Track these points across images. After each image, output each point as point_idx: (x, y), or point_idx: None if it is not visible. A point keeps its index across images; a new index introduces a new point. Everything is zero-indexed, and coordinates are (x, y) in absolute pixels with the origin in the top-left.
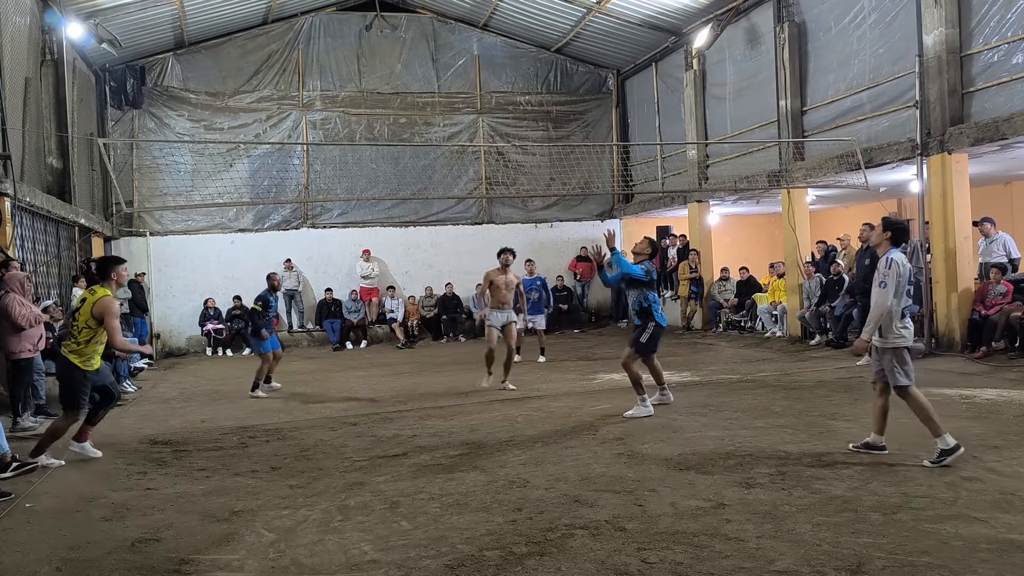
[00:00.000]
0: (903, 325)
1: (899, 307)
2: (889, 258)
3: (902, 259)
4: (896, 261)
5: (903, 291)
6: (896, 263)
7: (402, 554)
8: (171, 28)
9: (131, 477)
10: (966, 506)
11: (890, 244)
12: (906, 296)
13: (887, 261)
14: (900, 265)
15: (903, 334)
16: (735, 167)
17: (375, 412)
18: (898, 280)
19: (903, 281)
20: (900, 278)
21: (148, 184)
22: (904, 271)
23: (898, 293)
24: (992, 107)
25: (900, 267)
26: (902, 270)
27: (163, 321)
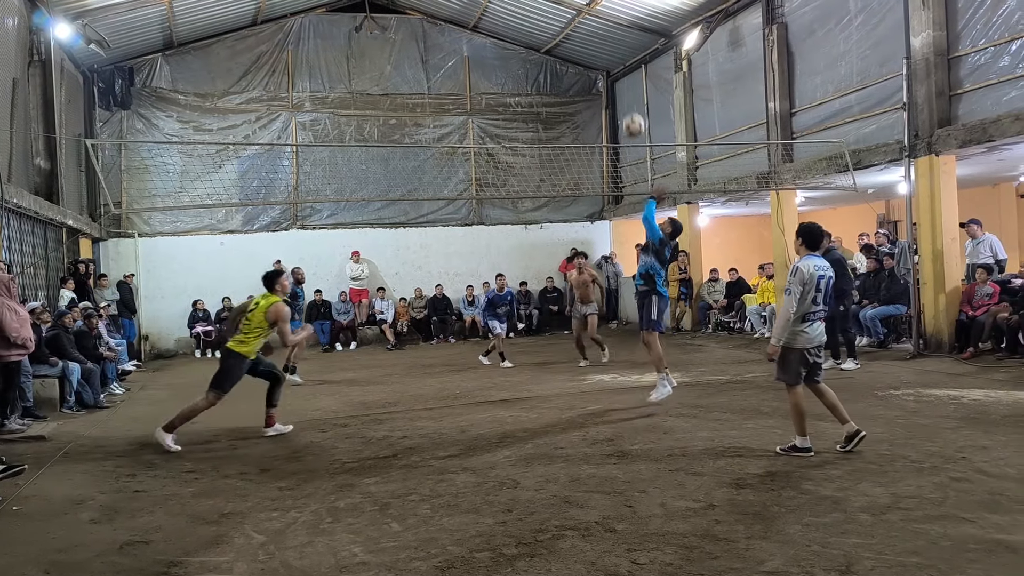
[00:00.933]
0: (800, 329)
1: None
2: (795, 266)
3: (809, 265)
4: (800, 268)
5: (809, 297)
6: (800, 270)
7: (392, 556)
8: (160, 29)
9: (120, 479)
10: (954, 506)
11: (806, 249)
12: (813, 303)
13: (793, 270)
14: (805, 272)
15: (796, 336)
16: (724, 169)
17: (365, 414)
18: (803, 287)
19: (809, 287)
20: (805, 285)
21: (136, 185)
22: (810, 276)
23: (803, 299)
24: (979, 109)
25: (805, 274)
26: (807, 276)
27: (152, 323)
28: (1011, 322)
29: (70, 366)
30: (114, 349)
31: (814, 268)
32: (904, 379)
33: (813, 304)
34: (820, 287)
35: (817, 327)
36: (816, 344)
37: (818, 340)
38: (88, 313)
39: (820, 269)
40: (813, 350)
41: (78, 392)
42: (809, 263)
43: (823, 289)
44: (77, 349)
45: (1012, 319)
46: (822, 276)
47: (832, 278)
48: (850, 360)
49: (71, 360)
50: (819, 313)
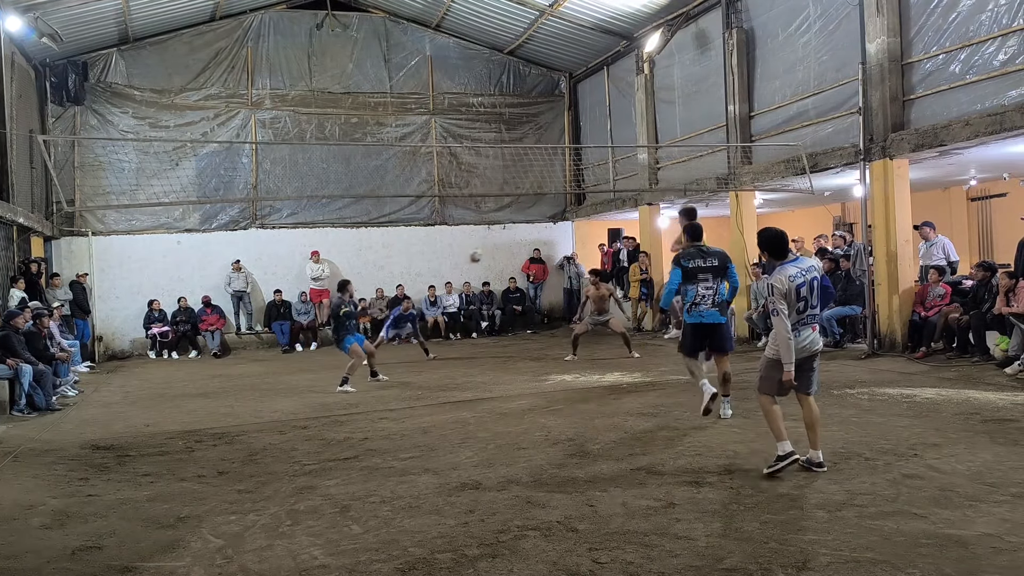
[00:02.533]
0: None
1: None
2: (768, 284)
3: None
4: (774, 284)
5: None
6: (775, 286)
7: (353, 558)
8: (115, 23)
9: (72, 483)
10: (907, 503)
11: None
12: (797, 313)
13: (768, 288)
14: (781, 286)
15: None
16: (685, 170)
17: (325, 415)
18: (786, 300)
19: (791, 301)
20: (787, 296)
21: (91, 183)
22: (788, 289)
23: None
24: (931, 114)
25: (782, 288)
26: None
27: (106, 323)
28: (962, 323)
29: (22, 367)
30: (66, 350)
31: (788, 279)
32: (859, 378)
33: (799, 313)
34: (802, 294)
35: (807, 335)
36: (808, 352)
37: (812, 348)
38: (38, 313)
39: (795, 277)
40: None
41: (29, 394)
42: (781, 274)
43: (807, 294)
44: (28, 350)
45: (963, 320)
46: (802, 283)
47: (817, 277)
48: None
49: (23, 362)
50: (809, 319)
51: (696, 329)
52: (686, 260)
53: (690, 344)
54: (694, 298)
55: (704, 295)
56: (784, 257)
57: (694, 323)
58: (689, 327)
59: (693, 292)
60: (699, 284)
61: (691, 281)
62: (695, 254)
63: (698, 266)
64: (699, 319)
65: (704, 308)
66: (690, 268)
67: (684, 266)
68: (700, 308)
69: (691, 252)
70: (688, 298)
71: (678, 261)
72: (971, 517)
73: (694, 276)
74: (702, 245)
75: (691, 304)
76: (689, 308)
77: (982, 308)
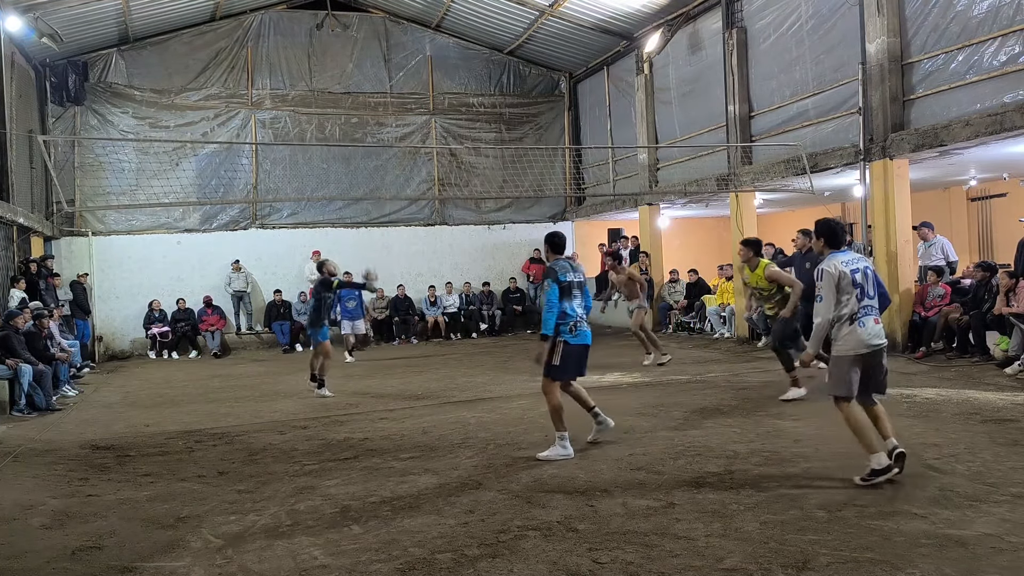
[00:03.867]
0: (848, 331)
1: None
2: (820, 269)
3: (835, 264)
4: (825, 271)
5: (846, 297)
6: (826, 273)
7: (353, 559)
8: (115, 23)
9: (72, 483)
10: (907, 503)
11: (829, 249)
12: (857, 300)
13: (818, 273)
14: (831, 274)
15: (845, 340)
16: (685, 171)
17: (325, 415)
18: (836, 288)
19: (844, 286)
20: (840, 281)
21: (91, 183)
22: (839, 275)
23: (838, 301)
24: (931, 114)
25: (833, 275)
26: (835, 277)
27: (106, 323)
28: (961, 323)
29: (21, 367)
30: (67, 350)
31: (841, 265)
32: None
33: (857, 301)
34: (857, 280)
35: (871, 327)
36: (875, 346)
37: (876, 341)
38: (38, 313)
39: (849, 263)
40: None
41: (29, 394)
42: (834, 261)
43: (862, 282)
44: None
45: (963, 320)
46: (855, 270)
47: (870, 267)
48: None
49: (23, 361)
50: (869, 310)
51: (581, 352)
52: (563, 274)
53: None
54: (576, 316)
55: (581, 314)
56: (839, 247)
57: (579, 345)
58: (573, 350)
59: (573, 310)
60: (575, 300)
61: (568, 297)
62: (566, 267)
63: (571, 280)
64: (584, 340)
65: (584, 327)
66: (566, 283)
67: (561, 281)
68: (581, 327)
69: (563, 264)
70: (571, 317)
71: (552, 274)
72: (971, 517)
73: (570, 292)
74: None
75: (576, 320)
76: (572, 327)
77: (982, 308)
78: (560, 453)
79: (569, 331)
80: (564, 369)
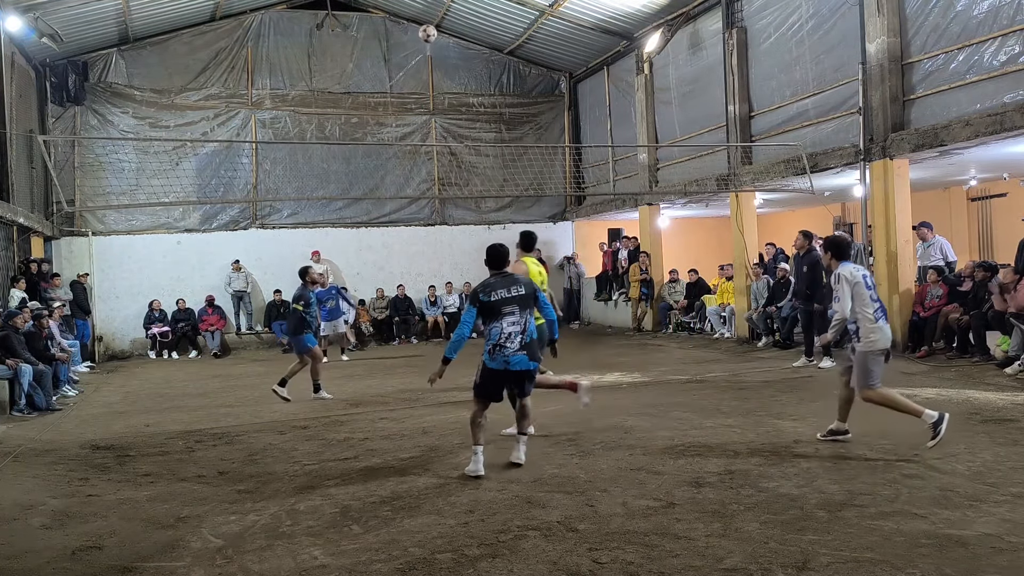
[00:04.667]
0: (876, 327)
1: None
2: (837, 274)
3: (850, 271)
4: (843, 275)
5: (866, 297)
6: (843, 277)
7: (353, 559)
8: (115, 23)
9: (72, 483)
10: (907, 503)
11: (837, 261)
12: (870, 300)
13: (836, 277)
14: (848, 279)
15: (871, 339)
16: (685, 170)
17: (325, 415)
18: (853, 290)
19: (860, 289)
20: (855, 287)
21: (91, 183)
22: (856, 279)
23: (857, 299)
24: (931, 114)
25: (849, 279)
26: (851, 279)
27: (106, 323)
28: (962, 323)
29: (21, 367)
30: (67, 350)
31: (855, 270)
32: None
33: (872, 301)
34: (869, 283)
35: (886, 327)
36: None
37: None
38: (37, 314)
39: (858, 270)
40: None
41: (29, 394)
42: (848, 268)
43: (872, 285)
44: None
45: (963, 320)
46: (865, 275)
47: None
48: (826, 358)
49: (23, 361)
50: (883, 311)
51: (497, 377)
52: (486, 294)
53: (487, 389)
54: (498, 338)
55: (510, 334)
56: (845, 259)
57: (496, 370)
58: (489, 374)
59: (497, 331)
60: (504, 319)
61: (494, 317)
62: (497, 284)
63: (502, 298)
64: (504, 365)
65: (511, 351)
66: (492, 302)
67: (483, 301)
68: (506, 351)
69: (492, 282)
70: (492, 338)
71: (475, 296)
72: (971, 517)
73: (497, 311)
74: (507, 272)
75: (494, 346)
76: (492, 350)
77: (982, 308)
78: (469, 468)
79: (489, 353)
80: (482, 389)
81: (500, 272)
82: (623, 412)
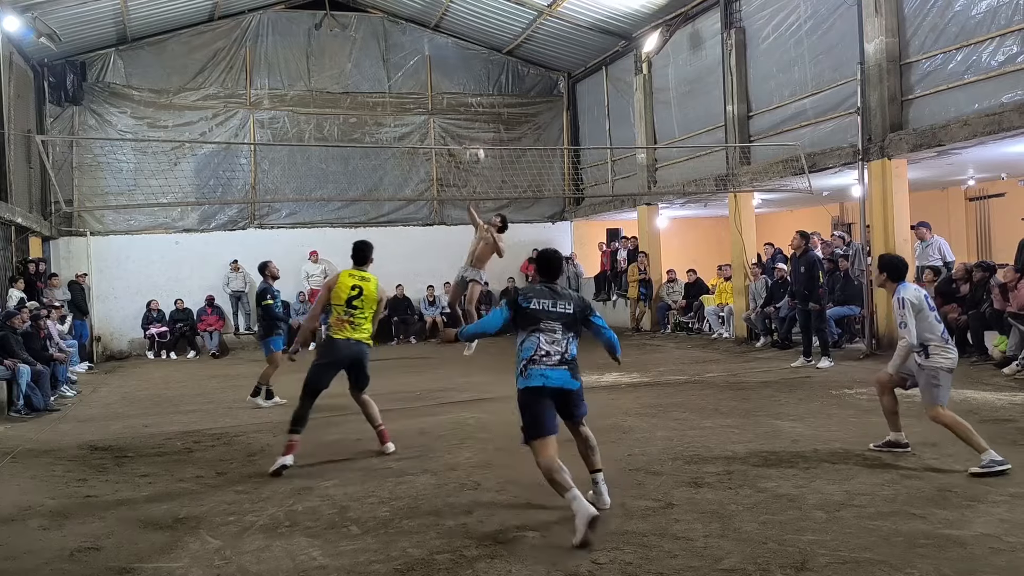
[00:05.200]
0: (947, 348)
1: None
2: (900, 298)
3: (913, 293)
4: (907, 300)
5: (931, 319)
6: (908, 302)
7: (351, 559)
8: (113, 23)
9: (70, 484)
10: (905, 503)
11: (893, 283)
12: (935, 321)
13: (899, 302)
14: (913, 303)
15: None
16: (683, 171)
17: (322, 415)
18: (917, 314)
19: (925, 312)
20: (919, 312)
21: (89, 183)
22: (921, 304)
23: (922, 324)
24: (929, 114)
25: (915, 303)
26: (916, 303)
27: (104, 323)
28: (960, 323)
29: (19, 368)
30: (65, 350)
31: (917, 292)
32: (857, 378)
33: (937, 322)
34: (931, 304)
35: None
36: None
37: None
38: (36, 314)
39: (920, 291)
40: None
41: (27, 395)
42: (909, 290)
43: (933, 307)
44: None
45: (960, 319)
46: (926, 295)
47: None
48: (824, 359)
49: (21, 362)
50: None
51: (540, 396)
52: (526, 299)
53: (536, 419)
54: (532, 354)
55: (548, 352)
56: (901, 280)
57: (535, 388)
58: (530, 397)
59: (532, 346)
60: (542, 335)
61: (530, 329)
62: (543, 293)
63: (544, 309)
64: (542, 381)
65: (548, 365)
66: (531, 310)
67: (522, 306)
68: (542, 366)
69: (537, 289)
70: (524, 354)
71: (514, 299)
72: (969, 517)
73: (535, 323)
74: (557, 287)
75: (528, 361)
76: (525, 368)
77: (980, 308)
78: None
79: (520, 373)
80: (530, 419)
81: (550, 283)
82: (622, 412)
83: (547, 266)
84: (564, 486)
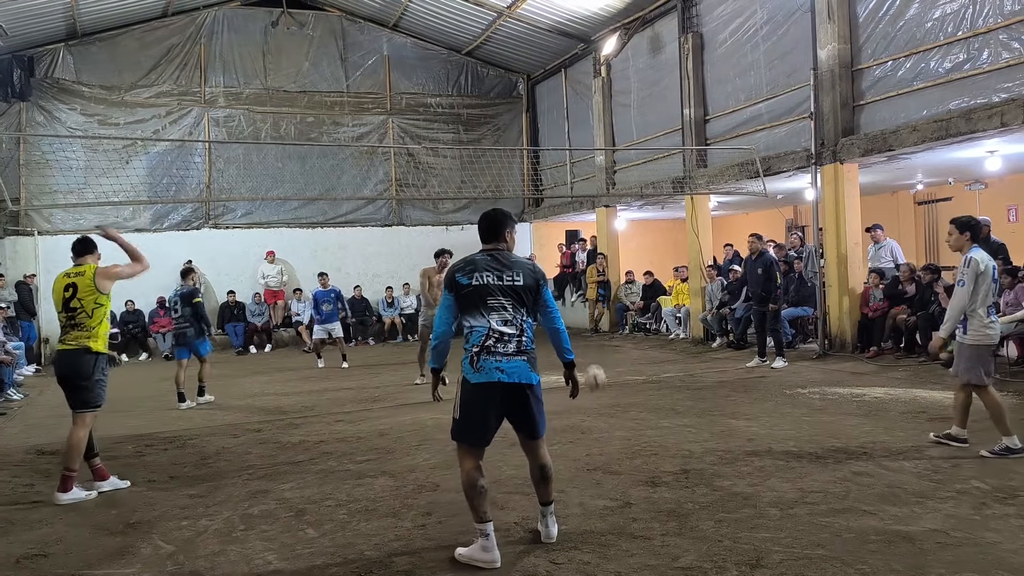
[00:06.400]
0: (988, 323)
1: (983, 305)
2: (969, 257)
3: (983, 257)
4: (975, 259)
5: (987, 289)
6: (976, 261)
7: (308, 563)
8: (62, 17)
9: (16, 489)
10: (856, 500)
11: (971, 243)
12: (992, 295)
13: (966, 260)
14: (980, 263)
15: (987, 332)
16: (641, 173)
17: (280, 418)
18: (977, 277)
19: (984, 278)
20: (980, 275)
21: (36, 181)
22: (986, 268)
23: (978, 291)
24: (880, 119)
25: (980, 265)
26: (982, 268)
27: (52, 324)
28: (908, 323)
29: None
30: (11, 352)
31: (987, 259)
32: (810, 378)
33: (993, 296)
34: (995, 276)
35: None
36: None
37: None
38: None
39: (990, 260)
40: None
41: None
42: (981, 254)
43: (998, 278)
44: None
45: (909, 320)
46: (994, 266)
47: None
48: (779, 359)
49: None
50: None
51: (486, 397)
52: (464, 274)
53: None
54: (481, 339)
55: (502, 334)
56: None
57: (483, 385)
58: (474, 396)
59: (482, 330)
60: (491, 315)
61: (475, 311)
62: (483, 263)
63: (485, 284)
64: (494, 376)
65: (503, 354)
66: (473, 287)
67: (460, 283)
68: (496, 355)
69: (475, 260)
70: (474, 338)
71: (451, 279)
72: (918, 513)
73: (481, 301)
74: (503, 251)
75: (480, 349)
76: (475, 357)
77: (928, 309)
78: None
79: (470, 363)
80: (464, 423)
81: (492, 248)
82: (581, 413)
83: (487, 225)
84: (482, 515)
